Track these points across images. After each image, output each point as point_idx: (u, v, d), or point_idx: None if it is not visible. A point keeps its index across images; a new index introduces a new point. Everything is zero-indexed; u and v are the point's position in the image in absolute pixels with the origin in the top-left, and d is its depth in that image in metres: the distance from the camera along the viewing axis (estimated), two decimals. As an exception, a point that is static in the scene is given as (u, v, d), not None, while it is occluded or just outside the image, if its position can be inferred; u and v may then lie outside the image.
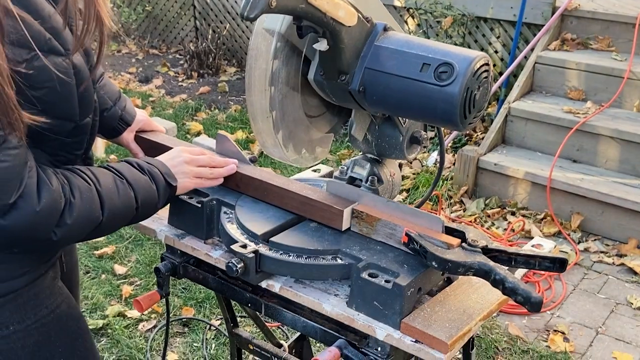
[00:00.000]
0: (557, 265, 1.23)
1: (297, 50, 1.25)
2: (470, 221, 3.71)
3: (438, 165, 1.47)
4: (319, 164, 1.67)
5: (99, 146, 3.76)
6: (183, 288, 3.01)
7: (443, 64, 1.12)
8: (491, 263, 1.18)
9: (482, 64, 1.15)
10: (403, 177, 4.04)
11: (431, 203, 3.85)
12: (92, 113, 1.23)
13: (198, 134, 4.65)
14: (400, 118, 1.34)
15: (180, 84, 5.68)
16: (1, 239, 1.09)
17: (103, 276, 3.10)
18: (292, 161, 1.37)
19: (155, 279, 1.50)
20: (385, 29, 1.21)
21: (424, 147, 1.44)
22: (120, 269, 3.15)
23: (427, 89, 1.14)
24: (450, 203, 3.92)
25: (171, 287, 2.41)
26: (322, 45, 1.16)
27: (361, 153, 1.51)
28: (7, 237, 1.09)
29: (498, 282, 1.16)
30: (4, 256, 1.16)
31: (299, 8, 1.05)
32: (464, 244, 1.24)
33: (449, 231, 1.29)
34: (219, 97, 5.40)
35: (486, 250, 1.23)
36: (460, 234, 1.27)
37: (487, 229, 3.65)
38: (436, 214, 3.68)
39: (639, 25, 4.04)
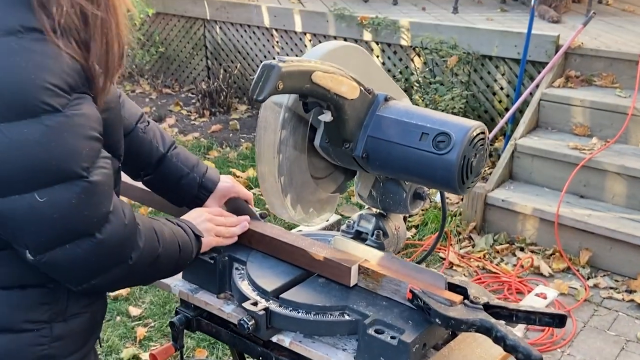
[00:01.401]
0: (557, 320, 1.28)
1: (303, 120, 1.32)
2: (480, 257, 3.75)
3: (441, 222, 1.53)
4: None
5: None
6: (196, 329, 3.06)
7: (441, 134, 1.19)
8: (492, 320, 1.23)
9: (478, 133, 1.22)
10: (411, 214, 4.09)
11: (441, 240, 3.89)
12: (120, 158, 1.27)
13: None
14: (402, 178, 1.41)
15: (192, 122, 5.80)
16: (93, 259, 1.08)
17: (118, 318, 3.16)
18: (298, 221, 1.43)
19: (170, 321, 1.55)
20: (386, 99, 1.28)
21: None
22: (134, 311, 3.21)
23: (427, 157, 1.21)
24: (459, 239, 3.96)
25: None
26: (326, 116, 1.24)
27: (367, 207, 1.57)
28: (100, 255, 1.08)
29: (499, 340, 1.20)
30: (62, 330, 1.18)
31: (305, 88, 1.12)
32: (466, 300, 1.29)
33: (452, 287, 1.34)
34: (231, 134, 5.51)
35: (487, 307, 1.29)
36: (462, 290, 1.33)
37: (497, 265, 3.68)
38: (445, 250, 3.72)
39: (642, 62, 4.11)
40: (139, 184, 1.65)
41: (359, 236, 1.53)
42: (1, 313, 1.13)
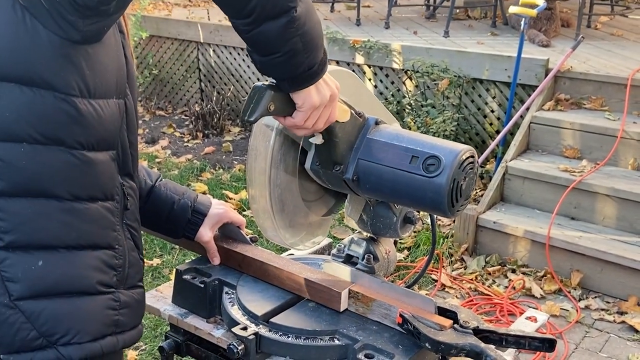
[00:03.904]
0: (547, 344, 1.28)
1: (294, 143, 1.33)
2: (471, 279, 3.74)
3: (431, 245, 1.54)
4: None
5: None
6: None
7: (430, 157, 1.20)
8: (482, 345, 1.23)
9: (468, 156, 1.23)
10: (401, 238, 4.09)
11: (433, 261, 3.89)
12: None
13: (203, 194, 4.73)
14: (393, 202, 1.41)
15: (185, 144, 5.81)
16: None
17: (108, 342, 3.12)
18: (290, 244, 1.43)
19: (159, 345, 1.53)
20: (377, 123, 1.29)
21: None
22: (124, 334, 3.17)
23: (417, 180, 1.22)
24: (452, 261, 3.96)
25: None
26: (317, 139, 1.25)
27: (357, 231, 1.57)
28: None
29: (489, 364, 1.20)
30: (128, 298, 1.18)
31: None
32: (455, 325, 1.29)
33: (441, 311, 1.34)
34: (224, 156, 5.51)
35: (477, 331, 1.29)
36: (452, 315, 1.33)
37: (488, 286, 3.68)
38: (437, 272, 3.72)
39: (630, 85, 4.16)
40: None
41: (349, 260, 1.53)
42: (77, 274, 1.11)
